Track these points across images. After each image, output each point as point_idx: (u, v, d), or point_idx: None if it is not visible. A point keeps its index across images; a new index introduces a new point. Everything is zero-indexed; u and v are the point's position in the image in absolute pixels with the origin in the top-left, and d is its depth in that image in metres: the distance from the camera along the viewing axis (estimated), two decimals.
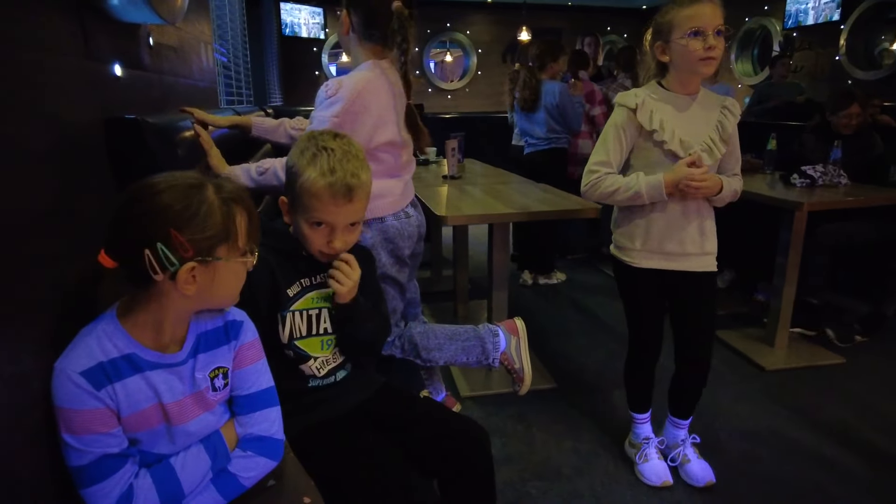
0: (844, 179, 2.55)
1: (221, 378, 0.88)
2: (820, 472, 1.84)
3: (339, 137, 1.09)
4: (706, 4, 1.42)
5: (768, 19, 7.41)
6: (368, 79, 1.45)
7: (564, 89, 3.46)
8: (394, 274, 1.64)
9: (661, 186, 1.46)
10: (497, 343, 1.70)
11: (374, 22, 1.47)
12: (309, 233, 1.08)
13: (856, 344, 2.68)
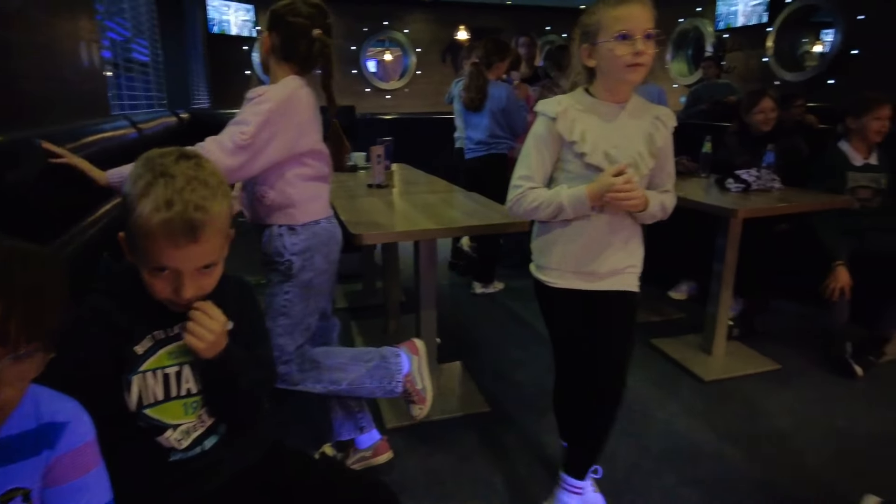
0: (777, 183, 2.51)
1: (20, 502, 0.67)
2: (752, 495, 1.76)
3: (186, 159, 0.86)
4: (635, 5, 1.29)
5: (701, 20, 7.56)
6: (294, 87, 1.50)
7: (511, 92, 3.35)
8: (324, 282, 1.61)
9: (585, 199, 1.33)
10: (400, 364, 1.62)
11: (294, 46, 1.52)
12: (150, 280, 0.87)
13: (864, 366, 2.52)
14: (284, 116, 1.43)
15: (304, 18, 1.50)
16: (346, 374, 1.60)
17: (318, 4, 1.54)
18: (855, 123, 2.53)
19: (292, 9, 1.50)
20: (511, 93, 3.33)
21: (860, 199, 2.54)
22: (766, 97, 2.82)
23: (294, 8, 1.50)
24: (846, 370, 2.45)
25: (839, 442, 2.02)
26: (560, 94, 1.47)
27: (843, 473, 1.84)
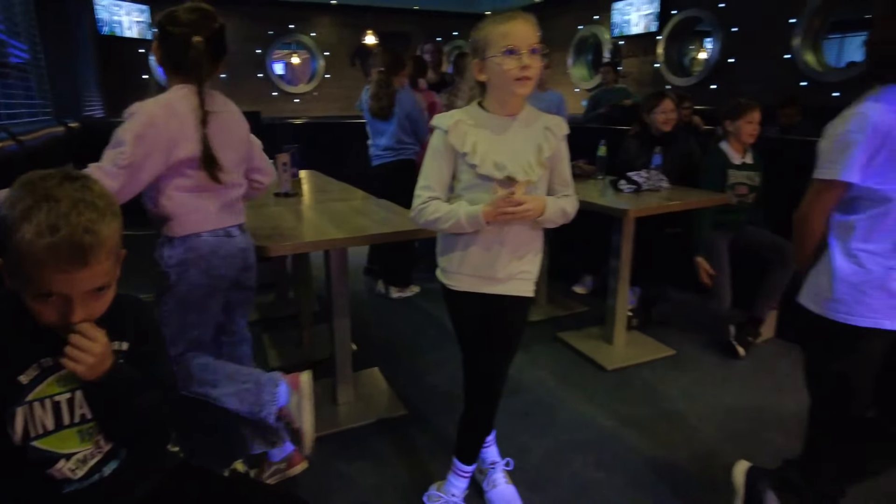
0: (665, 183, 2.72)
1: None
2: (651, 474, 1.91)
3: (71, 181, 0.83)
4: (520, 22, 1.36)
5: (598, 28, 7.98)
6: (169, 98, 1.48)
7: (416, 98, 3.41)
8: (203, 297, 1.55)
9: (480, 218, 1.39)
10: (275, 395, 1.57)
11: (176, 55, 1.50)
12: (35, 306, 0.83)
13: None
14: (157, 129, 1.41)
15: (184, 27, 1.47)
16: (216, 391, 1.57)
17: (201, 10, 1.51)
18: (731, 126, 2.79)
19: (172, 18, 1.48)
20: (414, 99, 3.39)
21: (738, 196, 2.80)
22: (666, 98, 3.03)
23: (174, 17, 1.48)
24: (730, 351, 2.70)
25: (725, 416, 2.22)
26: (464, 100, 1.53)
27: (728, 444, 2.03)
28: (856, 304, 1.26)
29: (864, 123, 1.17)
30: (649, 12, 7.03)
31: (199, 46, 1.46)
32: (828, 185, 1.25)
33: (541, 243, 1.57)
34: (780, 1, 5.61)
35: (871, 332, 1.26)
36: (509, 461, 1.83)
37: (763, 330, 2.77)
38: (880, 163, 1.18)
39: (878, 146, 1.17)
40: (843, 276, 1.27)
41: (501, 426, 1.94)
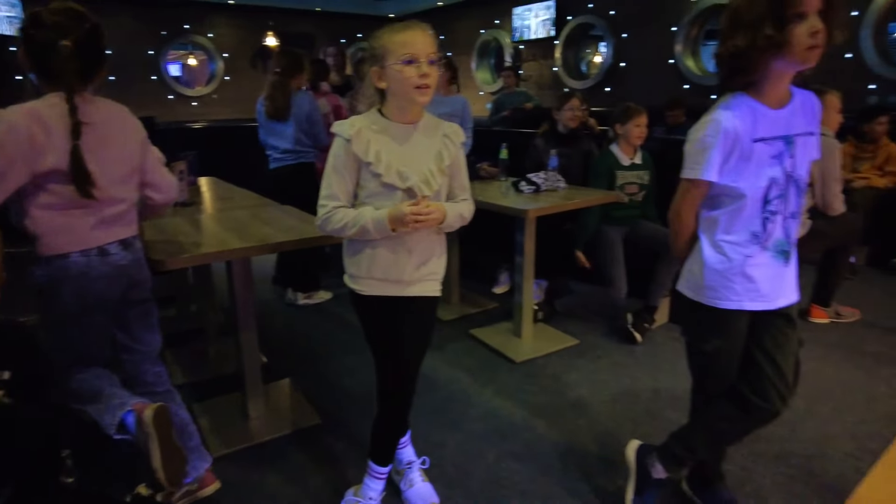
0: (562, 183, 2.87)
1: None
2: (557, 460, 2.02)
3: None
4: (418, 32, 1.40)
5: (500, 32, 8.22)
6: (35, 106, 1.38)
7: (314, 101, 3.36)
8: (79, 316, 1.48)
9: (386, 224, 1.42)
10: (115, 418, 1.47)
11: (41, 61, 1.41)
12: None
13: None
14: (17, 136, 1.33)
15: (49, 30, 1.37)
16: (89, 408, 1.50)
17: (68, 10, 1.41)
18: (621, 129, 2.98)
19: (35, 20, 1.38)
20: (314, 102, 3.35)
21: (629, 194, 3.00)
22: (574, 97, 3.28)
23: (37, 19, 1.38)
24: (628, 337, 2.89)
25: (626, 399, 2.38)
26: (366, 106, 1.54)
27: (629, 426, 2.18)
28: (722, 290, 1.40)
29: (717, 129, 1.30)
30: (546, 18, 7.33)
31: (65, 51, 1.37)
32: (692, 183, 1.39)
33: (444, 245, 1.62)
34: (662, 10, 6.05)
35: (737, 313, 1.41)
36: (425, 459, 1.87)
37: (657, 316, 2.99)
38: (733, 163, 1.33)
39: (730, 149, 1.31)
40: (711, 265, 1.41)
41: (416, 425, 1.98)
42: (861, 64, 4.62)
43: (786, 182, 1.34)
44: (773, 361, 1.42)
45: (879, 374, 2.56)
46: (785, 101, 1.33)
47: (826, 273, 3.13)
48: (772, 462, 1.95)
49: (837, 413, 2.25)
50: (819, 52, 1.21)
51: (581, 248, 2.98)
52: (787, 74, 1.29)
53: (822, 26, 1.19)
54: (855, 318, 3.15)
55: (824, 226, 2.91)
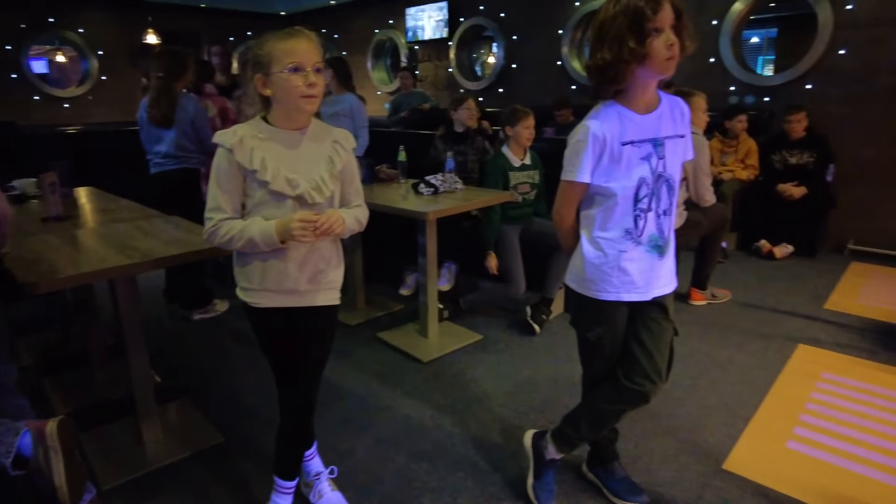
0: (460, 185, 2.94)
1: None
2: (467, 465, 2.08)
3: None
4: (303, 40, 1.39)
5: (394, 32, 8.22)
6: None
7: (199, 104, 3.20)
8: None
9: (273, 236, 1.39)
10: (11, 445, 1.39)
11: None
12: None
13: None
14: None
15: None
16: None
17: None
18: (511, 132, 3.10)
19: None
20: (199, 105, 3.20)
21: (521, 194, 3.13)
22: (471, 98, 3.49)
23: None
24: (528, 329, 3.02)
25: (528, 389, 2.48)
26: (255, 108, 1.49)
27: (531, 415, 2.29)
28: (601, 282, 1.51)
29: (588, 134, 1.41)
30: (440, 19, 7.43)
31: None
32: (569, 185, 1.49)
33: (340, 253, 1.62)
34: (549, 13, 6.32)
35: (615, 304, 1.53)
36: (333, 469, 1.85)
37: (554, 307, 3.14)
38: (604, 165, 1.44)
39: (600, 152, 1.42)
40: (590, 260, 1.52)
41: (324, 434, 1.96)
42: (722, 68, 5.10)
43: (655, 181, 1.46)
44: (645, 349, 1.54)
45: (749, 348, 2.85)
46: (652, 106, 1.45)
47: (701, 259, 3.43)
48: (660, 437, 2.12)
49: (714, 386, 2.48)
50: (675, 62, 1.34)
51: (492, 249, 3.05)
52: (651, 83, 1.42)
53: (676, 39, 1.32)
54: (727, 299, 3.49)
55: (698, 216, 3.19)
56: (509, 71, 6.89)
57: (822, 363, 2.68)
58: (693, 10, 5.19)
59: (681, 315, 3.24)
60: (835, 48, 4.54)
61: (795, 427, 2.18)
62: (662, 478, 1.90)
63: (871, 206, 4.49)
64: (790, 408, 2.31)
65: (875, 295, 3.60)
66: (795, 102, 4.60)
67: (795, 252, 4.36)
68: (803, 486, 1.85)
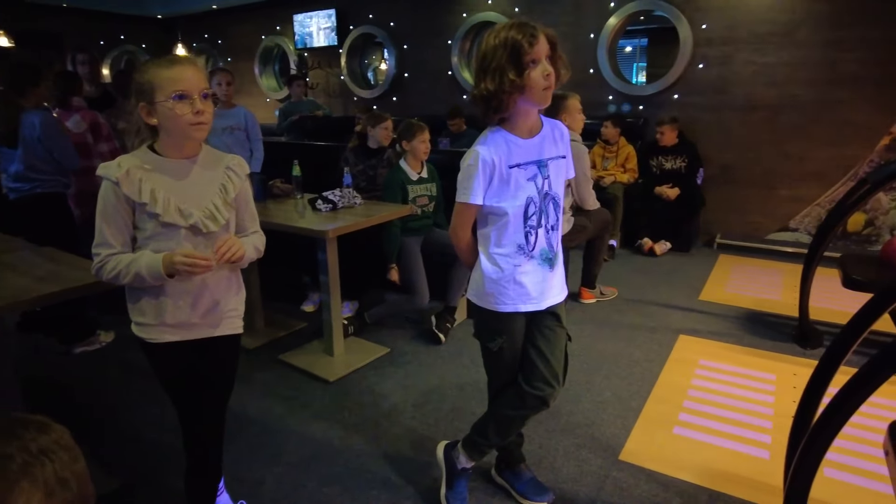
0: (359, 200, 2.93)
1: None
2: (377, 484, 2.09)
3: None
4: (188, 67, 1.35)
5: (282, 38, 7.99)
6: None
7: (50, 120, 2.89)
8: None
9: (160, 272, 1.34)
10: None
11: None
12: None
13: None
14: None
15: None
16: None
17: None
18: (407, 146, 3.14)
19: None
20: (50, 120, 2.87)
21: (420, 206, 3.17)
22: (389, 118, 3.48)
23: None
24: (434, 339, 3.07)
25: (436, 399, 2.52)
26: (129, 121, 1.43)
27: (441, 424, 2.32)
28: (499, 295, 1.59)
29: (478, 159, 1.49)
30: (328, 26, 7.33)
31: None
32: (464, 206, 1.56)
33: (240, 279, 1.58)
34: (438, 23, 6.44)
35: (513, 314, 1.61)
36: (242, 503, 1.79)
37: (457, 315, 3.22)
38: (495, 187, 1.52)
39: (490, 175, 1.50)
40: (488, 275, 1.59)
41: (232, 467, 1.89)
42: (601, 78, 5.47)
43: (542, 200, 1.55)
44: (542, 355, 1.64)
45: (636, 341, 3.08)
46: (535, 130, 1.55)
47: (589, 260, 3.66)
48: (562, 435, 2.24)
49: (607, 381, 2.66)
50: (551, 91, 1.44)
51: (394, 261, 3.08)
52: (532, 110, 1.51)
53: (552, 69, 1.42)
54: (615, 296, 3.74)
55: (584, 221, 3.40)
56: (402, 79, 6.94)
57: (699, 351, 2.95)
58: (572, 24, 5.52)
59: (573, 314, 3.44)
60: (695, 63, 5.01)
61: (680, 413, 2.39)
62: (566, 474, 2.01)
63: (734, 203, 5.01)
64: (675, 395, 2.53)
65: (739, 284, 4.02)
66: (665, 111, 5.04)
67: (673, 248, 4.77)
68: (689, 468, 2.03)
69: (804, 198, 4.75)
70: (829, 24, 4.42)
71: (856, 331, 1.51)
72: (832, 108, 4.51)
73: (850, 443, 2.13)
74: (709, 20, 4.89)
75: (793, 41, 4.57)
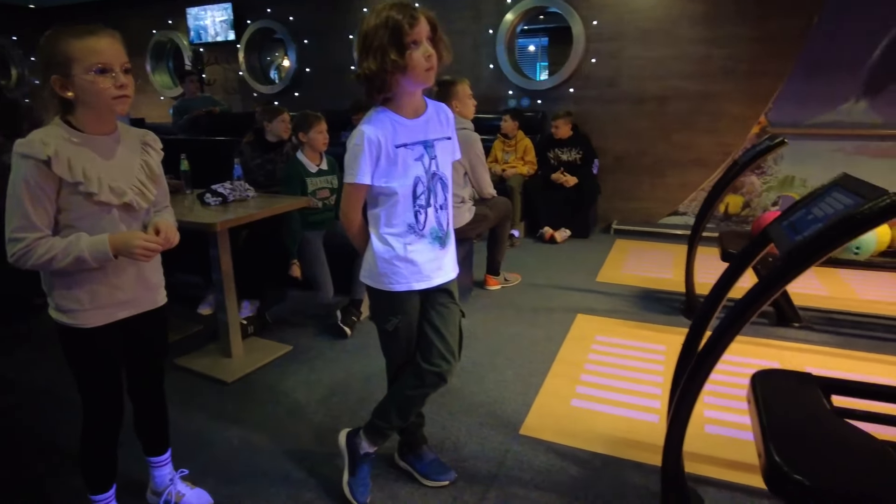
0: (251, 192, 2.83)
1: None
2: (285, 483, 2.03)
3: None
4: (106, 38, 1.31)
5: (175, 33, 7.59)
6: None
7: None
8: None
9: (108, 252, 1.34)
10: None
11: None
12: None
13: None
14: None
15: None
16: None
17: None
18: (305, 138, 3.06)
19: None
20: None
21: (321, 199, 3.11)
22: (286, 111, 3.43)
23: None
24: (339, 333, 3.02)
25: (342, 393, 2.48)
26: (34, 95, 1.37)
27: (346, 417, 2.28)
28: (392, 275, 1.59)
29: (364, 139, 1.48)
30: (224, 19, 7.04)
31: None
32: (352, 186, 1.54)
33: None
34: (337, 18, 6.35)
35: (407, 293, 1.62)
36: (183, 470, 1.82)
37: (364, 308, 3.18)
38: (383, 167, 1.52)
39: (377, 155, 1.50)
40: (380, 255, 1.59)
41: (125, 472, 1.74)
42: (500, 73, 5.60)
43: (430, 180, 1.57)
44: (438, 332, 1.65)
45: (537, 323, 3.18)
46: (420, 111, 1.57)
47: (492, 248, 3.74)
48: (464, 415, 2.27)
49: (510, 361, 2.72)
50: (434, 72, 1.46)
51: (295, 257, 3.01)
52: (416, 91, 1.52)
53: (434, 51, 1.43)
54: (518, 282, 3.85)
55: (485, 209, 3.47)
56: (304, 75, 6.79)
57: (596, 328, 3.09)
58: (470, 20, 5.62)
59: (479, 300, 3.51)
60: (588, 58, 5.25)
61: (577, 386, 2.49)
62: (468, 452, 2.04)
63: (627, 191, 5.30)
64: (572, 370, 2.63)
65: (634, 265, 4.26)
66: (562, 105, 5.24)
67: (573, 235, 4.98)
68: (586, 437, 2.12)
69: (690, 183, 5.11)
70: (703, 22, 4.78)
71: (718, 295, 1.63)
72: (710, 100, 4.88)
73: (725, 400, 2.31)
74: (599, 17, 5.14)
75: (674, 37, 4.90)
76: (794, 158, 4.66)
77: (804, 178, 4.70)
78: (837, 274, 3.91)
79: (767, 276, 1.25)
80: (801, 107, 4.59)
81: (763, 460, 1.14)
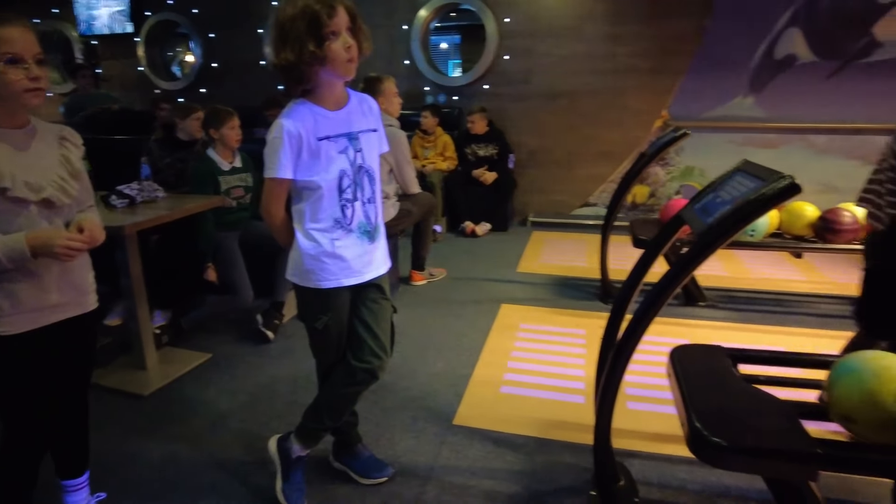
0: (161, 193, 2.67)
1: None
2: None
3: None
4: (18, 28, 1.25)
5: (62, 23, 7.00)
6: None
7: None
8: None
9: (26, 252, 1.27)
10: None
11: None
12: None
13: None
14: None
15: None
16: None
17: None
18: (216, 134, 2.92)
19: None
20: None
21: (236, 198, 2.99)
22: (199, 109, 3.23)
23: None
24: (261, 338, 2.91)
25: (266, 398, 2.40)
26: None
27: (272, 423, 2.20)
28: (320, 272, 1.55)
29: (283, 132, 1.44)
30: (119, 9, 6.57)
31: None
32: (273, 181, 1.50)
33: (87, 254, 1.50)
34: (244, 10, 6.10)
35: (336, 290, 1.58)
36: (100, 494, 1.73)
37: (286, 311, 3.09)
38: (305, 161, 1.48)
39: (298, 148, 1.46)
40: (306, 251, 1.54)
41: (40, 496, 1.60)
42: (416, 69, 5.61)
43: (356, 173, 1.54)
44: (369, 328, 1.63)
45: (464, 315, 3.22)
46: (342, 103, 1.54)
47: (417, 243, 3.75)
48: (398, 410, 2.27)
49: (440, 354, 2.75)
50: (355, 64, 1.44)
51: (210, 260, 2.87)
52: (337, 82, 1.49)
53: (354, 42, 1.41)
54: (443, 276, 3.88)
55: (409, 205, 3.47)
56: (211, 70, 6.48)
57: (520, 317, 3.18)
58: (385, 16, 5.58)
59: (406, 296, 3.51)
60: (501, 54, 5.37)
61: (505, 374, 2.55)
62: (404, 447, 2.04)
63: (542, 184, 5.47)
64: (499, 359, 2.69)
65: (551, 255, 4.41)
66: (477, 101, 5.33)
67: (492, 228, 5.08)
68: (517, 422, 2.18)
69: (599, 176, 5.35)
70: (608, 20, 5.02)
71: (635, 280, 1.72)
72: (617, 95, 5.13)
73: (643, 377, 2.45)
74: (512, 13, 5.26)
75: (582, 35, 5.11)
76: (693, 150, 4.98)
77: (702, 168, 5.05)
78: (734, 255, 4.24)
79: (685, 256, 1.34)
80: (698, 102, 4.93)
81: (686, 428, 1.22)
